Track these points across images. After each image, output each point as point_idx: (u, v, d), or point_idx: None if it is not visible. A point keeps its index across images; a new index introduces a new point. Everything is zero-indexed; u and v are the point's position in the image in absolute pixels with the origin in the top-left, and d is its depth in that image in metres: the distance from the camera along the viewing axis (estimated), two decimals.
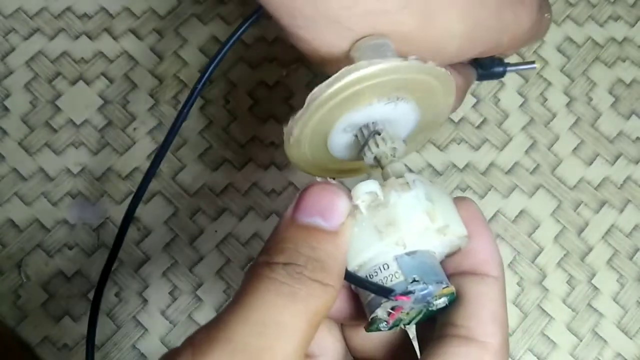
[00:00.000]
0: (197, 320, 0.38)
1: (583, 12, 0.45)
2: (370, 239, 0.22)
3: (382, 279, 0.22)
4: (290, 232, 0.22)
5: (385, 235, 0.22)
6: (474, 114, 0.42)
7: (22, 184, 0.40)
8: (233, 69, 0.43)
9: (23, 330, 0.38)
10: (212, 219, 0.40)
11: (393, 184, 0.22)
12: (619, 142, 0.42)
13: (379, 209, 0.22)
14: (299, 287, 0.20)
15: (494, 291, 0.24)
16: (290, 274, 0.20)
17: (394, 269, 0.22)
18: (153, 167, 0.30)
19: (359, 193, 0.22)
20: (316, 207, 0.22)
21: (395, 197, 0.22)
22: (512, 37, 0.29)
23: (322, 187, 0.22)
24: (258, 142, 0.41)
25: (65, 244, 0.39)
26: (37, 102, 0.42)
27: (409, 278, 0.22)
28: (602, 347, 0.39)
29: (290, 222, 0.22)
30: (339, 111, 0.24)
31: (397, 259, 0.22)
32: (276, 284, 0.20)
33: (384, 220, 0.22)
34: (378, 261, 0.22)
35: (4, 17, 0.43)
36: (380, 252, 0.22)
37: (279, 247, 0.21)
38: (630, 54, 0.44)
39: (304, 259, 0.21)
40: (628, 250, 0.40)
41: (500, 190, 0.41)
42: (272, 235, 0.22)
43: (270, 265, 0.21)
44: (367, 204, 0.22)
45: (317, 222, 0.22)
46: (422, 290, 0.22)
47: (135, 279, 0.39)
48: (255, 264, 0.21)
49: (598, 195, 0.41)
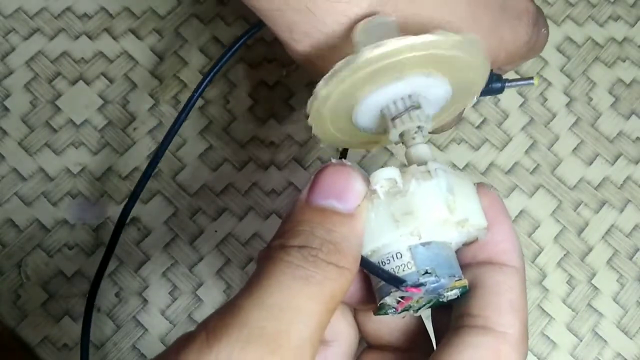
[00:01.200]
0: (197, 320, 0.38)
1: (583, 12, 0.45)
2: (386, 226, 0.21)
3: (394, 268, 0.22)
4: (305, 215, 0.21)
5: (402, 224, 0.21)
6: (474, 114, 0.42)
7: (22, 184, 0.40)
8: (233, 69, 0.43)
9: (23, 330, 0.38)
10: (212, 219, 0.40)
11: (414, 171, 0.22)
12: (619, 142, 0.42)
13: (397, 197, 0.21)
14: (314, 270, 0.20)
15: (513, 280, 0.23)
16: (306, 257, 0.20)
17: (406, 258, 0.22)
18: (150, 167, 0.30)
19: (378, 178, 0.22)
20: (332, 189, 0.21)
21: (414, 186, 0.21)
22: (509, 53, 0.29)
23: (337, 169, 0.22)
24: (258, 142, 0.41)
25: (65, 244, 0.39)
26: (37, 102, 0.42)
27: (421, 269, 0.21)
28: (602, 347, 0.39)
29: (305, 205, 0.21)
30: (372, 81, 0.23)
31: (411, 249, 0.22)
32: (291, 267, 0.20)
33: (401, 209, 0.21)
34: (392, 249, 0.22)
35: (4, 17, 0.43)
36: (395, 240, 0.22)
37: (294, 230, 0.21)
38: (630, 54, 0.44)
39: (319, 241, 0.20)
40: (628, 250, 0.40)
41: (500, 190, 0.41)
42: (286, 218, 0.22)
43: (285, 248, 0.20)
44: (386, 189, 0.22)
45: (332, 204, 0.21)
46: (434, 283, 0.21)
47: (135, 279, 0.39)
48: (269, 248, 0.21)
49: (598, 195, 0.41)
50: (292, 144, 0.41)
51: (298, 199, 0.22)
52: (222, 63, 0.27)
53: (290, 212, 0.22)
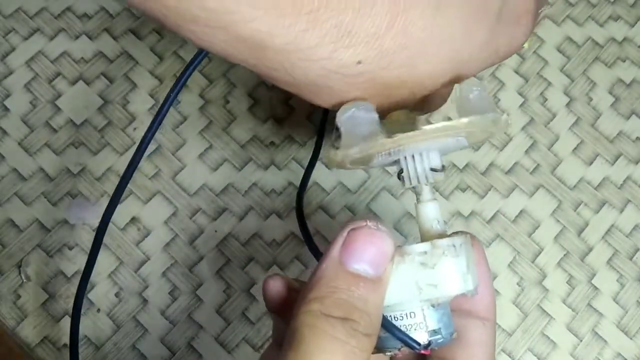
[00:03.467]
0: (197, 320, 0.38)
1: (583, 12, 0.45)
2: (408, 291, 0.23)
3: (407, 325, 0.24)
4: (340, 279, 0.22)
5: (424, 293, 0.23)
6: None
7: (22, 184, 0.40)
8: (233, 69, 0.43)
9: (23, 330, 0.38)
10: (212, 219, 0.40)
11: (444, 247, 0.24)
12: (619, 142, 0.42)
13: (423, 267, 0.23)
14: (355, 345, 0.21)
15: (491, 335, 0.26)
16: (349, 331, 0.21)
17: (419, 319, 0.24)
18: (129, 169, 0.29)
19: (411, 251, 0.23)
20: (366, 254, 0.23)
21: (443, 261, 0.23)
22: (503, 58, 0.28)
23: (373, 233, 0.23)
24: (258, 142, 0.41)
25: (65, 244, 0.39)
26: (37, 102, 0.42)
27: (431, 329, 0.24)
28: (602, 347, 0.39)
29: (339, 267, 0.23)
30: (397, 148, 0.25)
31: (423, 310, 0.24)
32: (338, 344, 0.21)
33: (427, 280, 0.23)
34: (405, 308, 0.24)
35: (4, 17, 0.43)
36: (412, 303, 0.24)
37: (333, 297, 0.22)
38: (630, 54, 0.44)
39: (359, 314, 0.22)
40: (628, 250, 0.40)
41: (500, 190, 0.41)
42: (320, 276, 0.23)
43: (328, 319, 0.21)
44: (412, 257, 0.23)
45: (366, 270, 0.22)
46: (439, 340, 0.24)
47: (135, 279, 0.39)
48: (308, 312, 0.22)
49: (598, 195, 0.41)
50: (292, 144, 0.41)
51: (330, 255, 0.23)
52: (190, 71, 0.28)
53: (323, 271, 0.23)
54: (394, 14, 0.22)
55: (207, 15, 0.21)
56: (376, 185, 0.41)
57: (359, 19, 0.22)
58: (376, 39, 0.22)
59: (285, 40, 0.22)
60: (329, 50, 0.22)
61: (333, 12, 0.21)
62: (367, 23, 0.22)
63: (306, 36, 0.22)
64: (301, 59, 0.23)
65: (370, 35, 0.22)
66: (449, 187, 0.41)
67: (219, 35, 0.22)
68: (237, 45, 0.22)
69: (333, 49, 0.22)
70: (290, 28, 0.21)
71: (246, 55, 0.23)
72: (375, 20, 0.22)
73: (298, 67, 0.23)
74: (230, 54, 0.23)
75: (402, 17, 0.22)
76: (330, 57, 0.23)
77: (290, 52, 0.22)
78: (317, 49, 0.22)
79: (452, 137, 0.25)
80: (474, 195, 0.41)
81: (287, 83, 0.24)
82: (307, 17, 0.21)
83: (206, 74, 0.43)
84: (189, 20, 0.21)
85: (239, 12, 0.20)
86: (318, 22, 0.21)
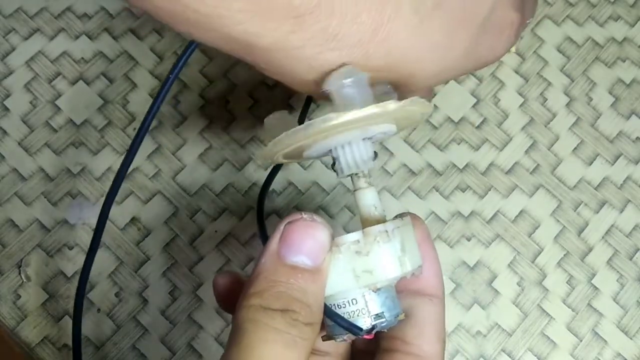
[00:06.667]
0: (197, 320, 0.38)
1: (583, 12, 0.45)
2: (346, 279, 0.24)
3: (349, 312, 0.24)
4: (279, 273, 0.23)
5: (362, 280, 0.24)
6: (474, 114, 0.42)
7: (22, 184, 0.40)
8: (233, 69, 0.43)
9: (23, 330, 0.38)
10: (212, 219, 0.40)
11: (375, 234, 0.24)
12: (619, 142, 0.42)
13: (358, 255, 0.24)
14: (296, 334, 0.22)
15: (439, 312, 0.26)
16: (289, 322, 0.22)
17: (361, 305, 0.24)
18: (123, 167, 0.29)
19: (345, 241, 0.24)
20: (303, 246, 0.23)
21: (375, 248, 0.24)
22: (483, 66, 0.29)
23: (309, 225, 0.23)
24: (258, 142, 0.41)
25: (65, 244, 0.39)
26: (37, 102, 0.42)
27: (374, 314, 0.24)
28: (602, 347, 0.39)
29: (277, 261, 0.23)
30: (325, 136, 0.25)
31: (364, 296, 0.24)
32: (279, 334, 0.22)
33: (362, 267, 0.24)
34: (347, 296, 0.24)
35: (4, 17, 0.43)
36: (352, 289, 0.24)
37: (273, 291, 0.23)
38: (630, 54, 0.44)
39: (299, 305, 0.22)
40: (628, 250, 0.40)
41: (500, 190, 0.41)
42: (259, 271, 0.23)
43: (267, 312, 0.22)
44: (347, 246, 0.24)
45: (303, 262, 0.23)
46: (383, 324, 0.24)
47: (135, 279, 0.39)
48: (249, 306, 0.22)
49: (598, 195, 0.41)
50: None
51: (269, 249, 0.24)
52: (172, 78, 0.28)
53: (262, 265, 0.23)
54: (378, 23, 0.23)
55: (198, 18, 0.22)
56: (376, 185, 0.41)
57: (345, 26, 0.23)
58: (361, 45, 0.24)
59: (272, 41, 0.23)
60: (314, 51, 0.23)
61: (320, 17, 0.22)
62: (352, 30, 0.23)
63: (292, 37, 0.23)
64: (287, 57, 0.24)
65: (356, 41, 0.23)
66: (449, 187, 0.41)
67: (211, 33, 0.23)
68: (229, 42, 0.23)
69: (319, 50, 0.23)
70: (277, 30, 0.22)
71: (238, 51, 0.24)
72: (360, 28, 0.23)
73: (286, 64, 0.24)
74: (222, 48, 0.24)
75: (387, 27, 0.23)
76: (315, 57, 0.24)
77: (277, 51, 0.23)
78: (303, 50, 0.23)
79: (376, 125, 0.25)
80: (474, 195, 0.41)
81: (277, 75, 0.26)
82: (294, 20, 0.22)
83: (206, 74, 0.43)
84: (182, 22, 0.22)
85: (229, 17, 0.22)
86: (304, 26, 0.22)
